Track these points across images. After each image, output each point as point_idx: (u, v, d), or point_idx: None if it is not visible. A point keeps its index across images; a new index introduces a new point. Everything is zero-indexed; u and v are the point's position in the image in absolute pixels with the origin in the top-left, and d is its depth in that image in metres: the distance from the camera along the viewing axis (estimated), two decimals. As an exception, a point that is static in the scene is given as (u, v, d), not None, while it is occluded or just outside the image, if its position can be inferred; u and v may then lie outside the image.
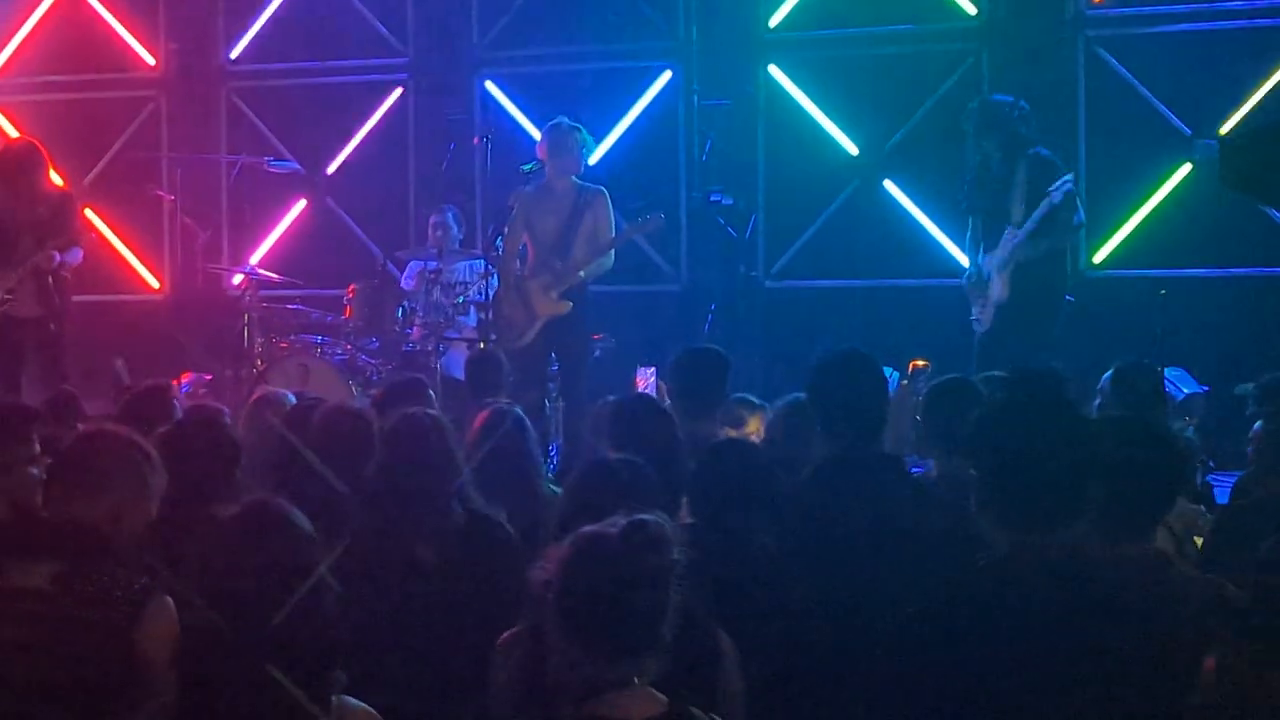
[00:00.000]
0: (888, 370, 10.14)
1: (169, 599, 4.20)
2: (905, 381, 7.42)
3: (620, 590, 3.31)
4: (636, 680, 3.32)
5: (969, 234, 10.02)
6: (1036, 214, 9.36)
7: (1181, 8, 11.48)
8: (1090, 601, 3.48)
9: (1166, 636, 3.71)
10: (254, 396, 7.58)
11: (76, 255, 10.38)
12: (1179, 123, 11.38)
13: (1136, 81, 11.49)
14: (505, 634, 4.16)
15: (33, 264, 10.11)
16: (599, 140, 12.23)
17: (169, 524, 4.62)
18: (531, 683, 3.77)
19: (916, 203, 11.99)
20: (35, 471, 4.88)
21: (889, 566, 4.56)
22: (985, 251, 9.74)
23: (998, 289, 9.56)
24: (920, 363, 8.89)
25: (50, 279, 10.21)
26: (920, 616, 3.65)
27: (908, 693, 3.60)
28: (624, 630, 3.32)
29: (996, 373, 6.77)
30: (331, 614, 3.41)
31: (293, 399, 7.09)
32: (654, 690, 3.35)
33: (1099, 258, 11.62)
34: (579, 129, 10.21)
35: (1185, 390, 9.58)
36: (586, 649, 3.33)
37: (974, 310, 9.77)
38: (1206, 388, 9.77)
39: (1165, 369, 9.02)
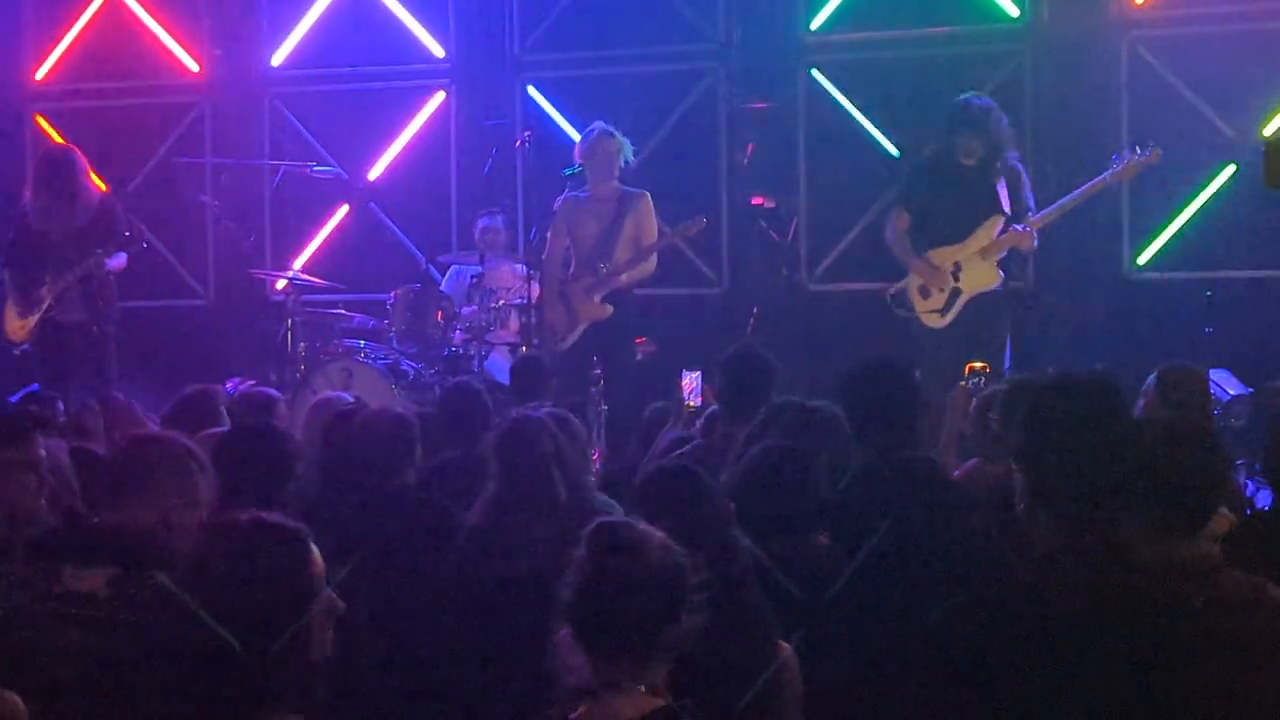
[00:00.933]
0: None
1: None
2: (963, 383, 7.46)
3: (598, 592, 3.42)
4: (624, 684, 3.39)
5: (901, 227, 9.98)
6: (1065, 201, 9.55)
7: (1225, 8, 11.39)
8: (1135, 600, 3.47)
9: (1212, 636, 3.70)
10: (314, 401, 7.63)
11: (121, 260, 10.44)
12: (1222, 124, 11.31)
13: (1180, 82, 11.43)
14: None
15: (81, 271, 10.18)
16: (640, 144, 12.25)
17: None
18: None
19: (959, 205, 11.95)
20: (34, 477, 4.90)
21: (926, 570, 4.57)
22: (937, 244, 9.75)
23: (981, 276, 9.56)
24: (977, 364, 8.93)
25: (95, 283, 10.28)
26: (961, 614, 3.64)
27: (954, 694, 3.60)
28: (609, 631, 3.42)
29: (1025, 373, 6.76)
30: (314, 641, 3.40)
31: (350, 399, 7.15)
32: (649, 693, 3.41)
33: (1143, 260, 11.56)
34: (614, 133, 10.23)
35: (1230, 392, 9.53)
36: (586, 650, 3.44)
37: (929, 303, 9.76)
38: (1251, 389, 9.72)
39: (1210, 371, 8.99)
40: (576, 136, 10.58)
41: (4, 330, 10.52)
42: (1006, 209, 9.56)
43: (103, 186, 12.77)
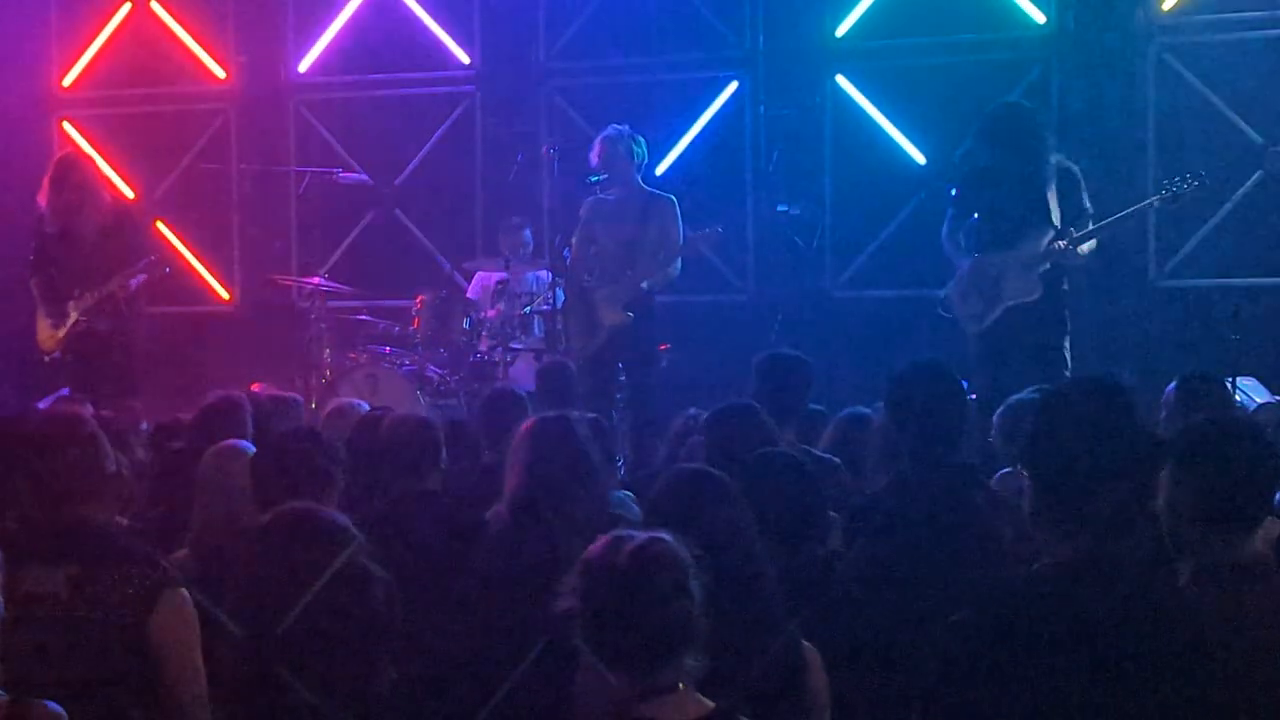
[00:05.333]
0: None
1: (183, 591, 4.27)
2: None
3: (630, 614, 3.42)
4: (681, 686, 3.43)
5: (955, 229, 9.94)
6: (1106, 223, 9.42)
7: (1253, 15, 11.34)
8: (1140, 615, 3.44)
9: (1224, 653, 3.66)
10: (329, 408, 7.64)
11: (141, 277, 10.49)
12: (1250, 131, 11.27)
13: (1207, 90, 11.39)
14: None
15: (107, 292, 10.23)
16: (666, 151, 12.27)
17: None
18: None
19: (985, 212, 11.93)
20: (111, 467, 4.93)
21: (969, 576, 4.55)
22: (986, 249, 9.71)
23: (1020, 287, 9.51)
24: None
25: (122, 295, 10.33)
26: (968, 625, 3.63)
27: (969, 703, 3.59)
28: (641, 649, 3.43)
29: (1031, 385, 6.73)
30: (376, 610, 3.44)
31: (366, 409, 7.15)
32: (699, 695, 3.46)
33: (1169, 267, 11.52)
34: (627, 131, 10.21)
35: (1258, 400, 9.48)
36: (611, 665, 3.46)
37: (968, 306, 9.72)
38: (1278, 397, 9.66)
39: (1238, 379, 8.95)
40: (601, 144, 10.56)
41: (36, 338, 10.59)
42: (1056, 220, 9.49)
43: (130, 194, 12.86)
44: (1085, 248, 9.50)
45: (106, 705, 3.75)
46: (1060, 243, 9.42)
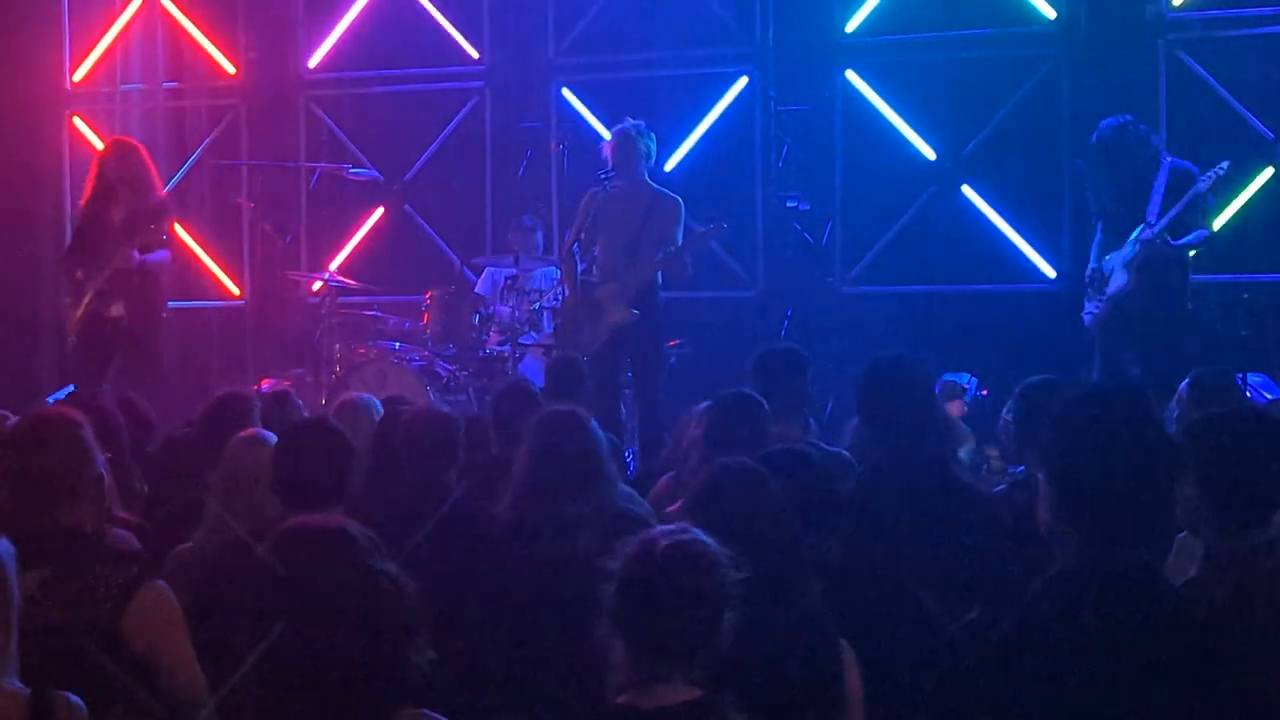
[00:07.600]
0: (965, 376, 10.16)
1: (161, 585, 4.24)
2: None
3: (645, 604, 3.48)
4: (679, 677, 3.48)
5: (1096, 236, 10.03)
6: (1179, 205, 9.48)
7: (1264, 10, 11.32)
8: (1159, 619, 3.43)
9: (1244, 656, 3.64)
10: (340, 401, 7.64)
11: (162, 256, 10.48)
12: (1262, 126, 11.25)
13: (1218, 85, 11.37)
14: None
15: (115, 265, 10.23)
16: (675, 146, 12.25)
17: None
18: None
19: (995, 208, 11.91)
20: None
21: (930, 571, 4.56)
22: (1108, 251, 9.77)
23: (1121, 280, 9.57)
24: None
25: (136, 280, 10.33)
26: (981, 626, 3.62)
27: (967, 706, 3.58)
28: (655, 638, 3.49)
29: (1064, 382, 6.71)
30: (400, 629, 3.37)
31: (377, 404, 7.15)
32: (692, 684, 3.49)
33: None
34: (640, 128, 10.18)
35: (1268, 396, 9.47)
36: (633, 650, 3.51)
37: (1088, 305, 9.83)
38: (1289, 393, 9.65)
39: (1248, 375, 8.93)
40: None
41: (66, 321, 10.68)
42: (1151, 217, 9.52)
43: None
44: (1186, 240, 9.55)
45: (86, 706, 3.71)
46: (1144, 238, 9.48)
